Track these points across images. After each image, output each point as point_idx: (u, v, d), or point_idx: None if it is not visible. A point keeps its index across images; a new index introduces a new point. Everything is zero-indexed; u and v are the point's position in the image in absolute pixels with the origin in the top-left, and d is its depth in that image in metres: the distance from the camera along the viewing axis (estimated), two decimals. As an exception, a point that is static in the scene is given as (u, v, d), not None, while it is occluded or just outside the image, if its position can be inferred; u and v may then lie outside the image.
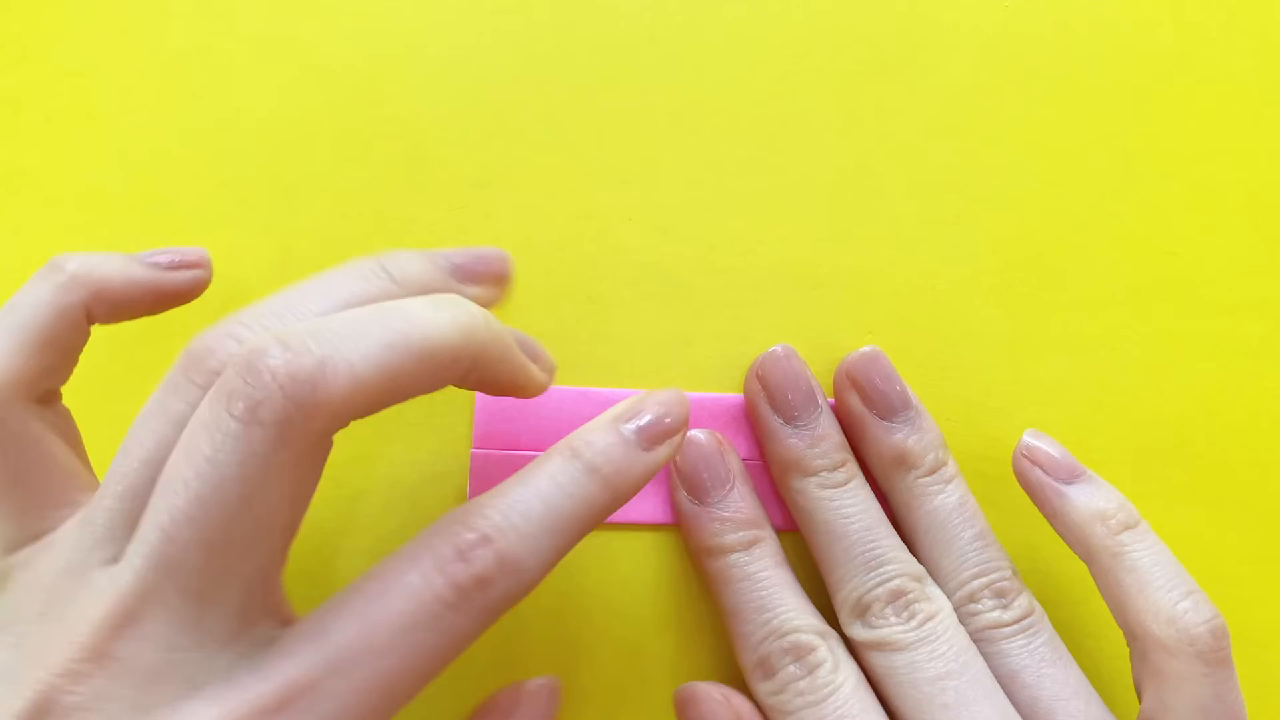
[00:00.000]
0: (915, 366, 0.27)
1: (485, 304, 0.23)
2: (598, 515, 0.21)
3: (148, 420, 0.20)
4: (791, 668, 0.23)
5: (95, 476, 0.22)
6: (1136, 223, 0.27)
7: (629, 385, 0.27)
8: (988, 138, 0.27)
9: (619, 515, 0.26)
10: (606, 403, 0.26)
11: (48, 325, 0.21)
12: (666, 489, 0.26)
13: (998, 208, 0.27)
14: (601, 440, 0.21)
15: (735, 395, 0.26)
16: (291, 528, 0.20)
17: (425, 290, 0.22)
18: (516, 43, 0.27)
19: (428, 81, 0.27)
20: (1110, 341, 0.27)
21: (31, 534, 0.20)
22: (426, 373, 0.19)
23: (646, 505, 0.26)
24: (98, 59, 0.27)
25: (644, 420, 0.22)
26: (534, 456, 0.25)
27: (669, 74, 0.27)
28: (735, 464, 0.25)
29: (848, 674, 0.23)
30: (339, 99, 0.27)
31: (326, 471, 0.26)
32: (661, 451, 0.22)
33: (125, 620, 0.18)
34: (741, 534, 0.24)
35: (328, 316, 0.19)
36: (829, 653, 0.23)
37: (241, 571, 0.19)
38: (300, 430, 0.18)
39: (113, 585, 0.18)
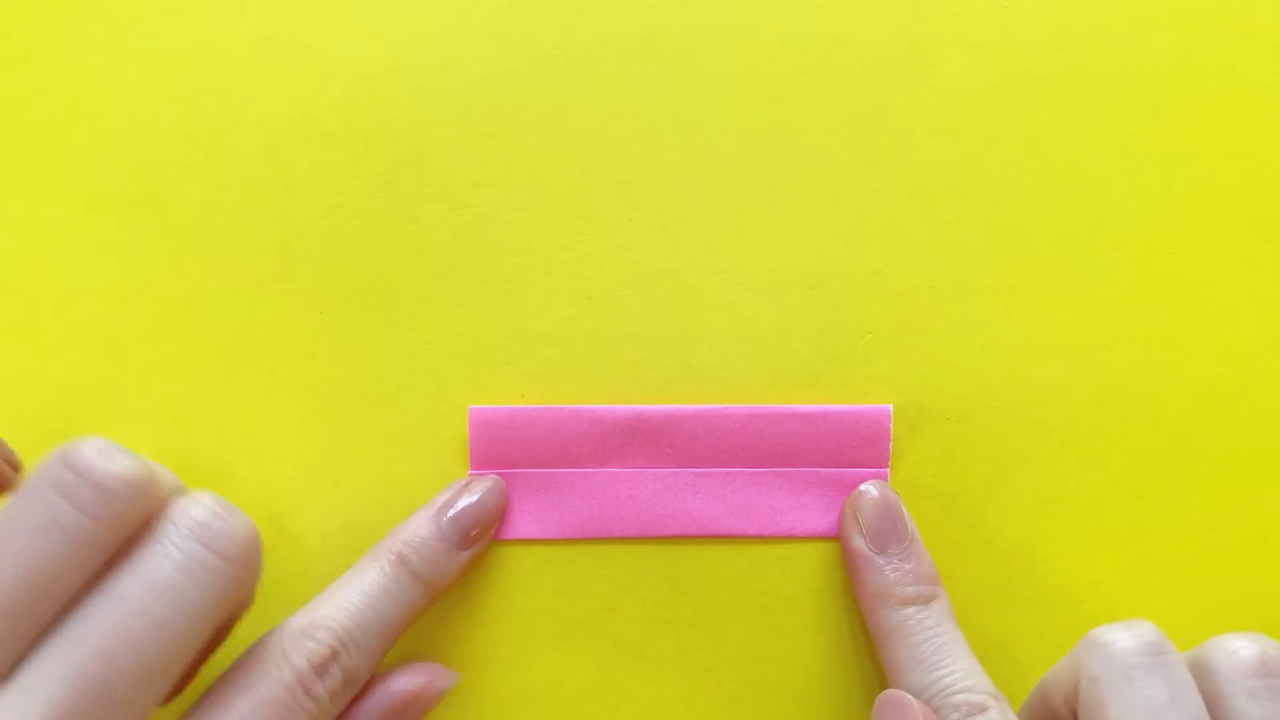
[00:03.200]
0: (915, 366, 0.27)
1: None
2: (419, 614, 0.24)
3: (19, 531, 0.18)
4: None
5: None
6: (1136, 223, 0.27)
7: (628, 385, 0.27)
8: (987, 138, 0.27)
9: (626, 530, 0.26)
10: (599, 420, 0.26)
11: None
12: (663, 498, 0.26)
13: (998, 208, 0.27)
14: (427, 547, 0.24)
15: (724, 406, 0.27)
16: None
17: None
18: (516, 43, 0.27)
19: (428, 81, 0.27)
20: (1110, 341, 0.27)
21: None
22: None
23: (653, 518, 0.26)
24: (98, 59, 0.27)
25: (466, 526, 0.25)
26: (530, 475, 0.26)
27: (669, 74, 0.27)
28: (911, 522, 0.25)
29: None
30: (339, 99, 0.27)
31: (327, 471, 0.27)
32: (478, 548, 0.25)
33: None
34: (921, 587, 0.24)
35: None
36: (1000, 715, 0.22)
37: (153, 703, 0.19)
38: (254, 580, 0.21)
39: (20, 713, 0.17)
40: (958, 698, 0.22)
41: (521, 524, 0.26)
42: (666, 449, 0.26)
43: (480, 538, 0.25)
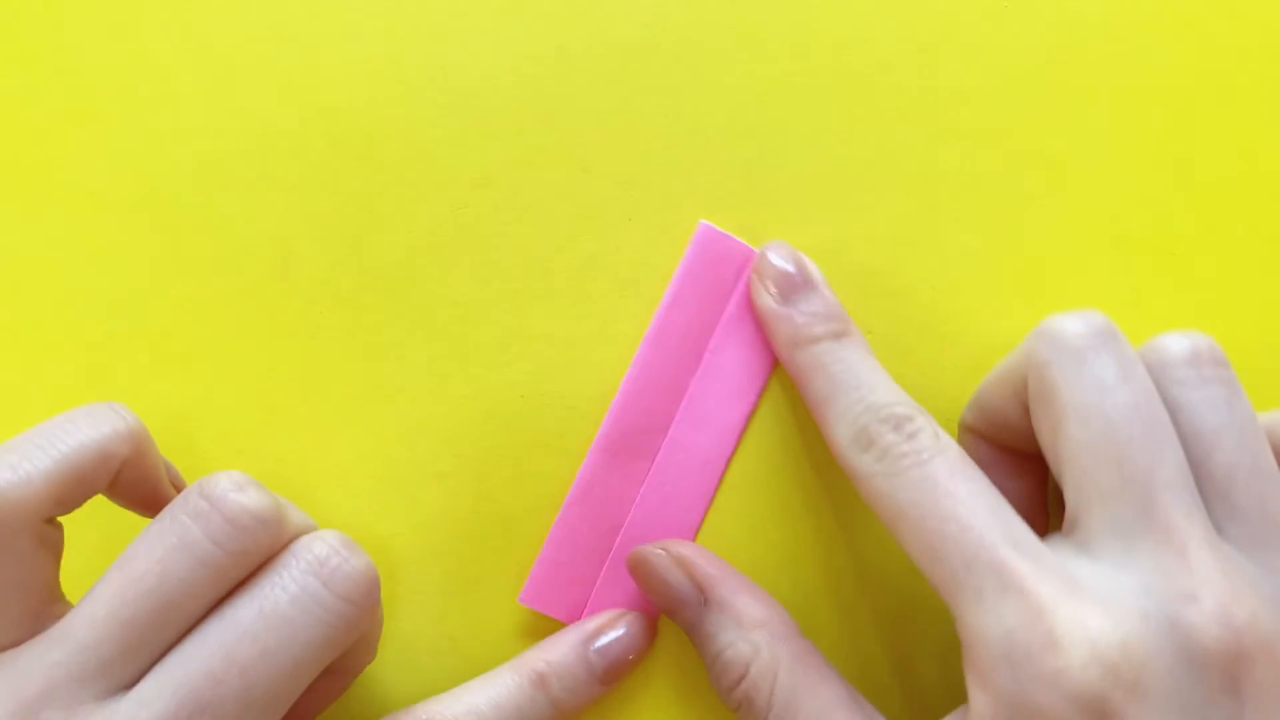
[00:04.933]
0: (915, 367, 0.27)
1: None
2: None
3: (153, 550, 0.20)
4: (891, 435, 0.22)
5: (60, 588, 0.21)
6: (1137, 223, 0.27)
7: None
8: (988, 138, 0.27)
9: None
10: (592, 485, 0.26)
11: (88, 466, 0.20)
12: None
13: (998, 208, 0.27)
14: (569, 673, 0.24)
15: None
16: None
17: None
18: (516, 43, 0.27)
19: (428, 81, 0.27)
20: (1110, 341, 0.27)
21: None
22: None
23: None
24: (98, 59, 0.27)
25: (613, 659, 0.24)
26: (606, 579, 0.26)
27: (669, 74, 0.27)
28: (815, 269, 0.26)
29: (950, 442, 0.22)
30: (339, 99, 0.27)
31: (327, 471, 0.26)
32: (617, 683, 0.25)
33: None
34: (832, 324, 0.24)
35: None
36: (929, 423, 0.22)
37: None
38: (369, 616, 0.21)
39: None
40: (884, 411, 0.22)
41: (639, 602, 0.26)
42: (642, 436, 0.26)
43: (623, 674, 0.25)
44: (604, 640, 0.25)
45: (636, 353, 0.26)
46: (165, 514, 0.20)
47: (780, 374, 0.26)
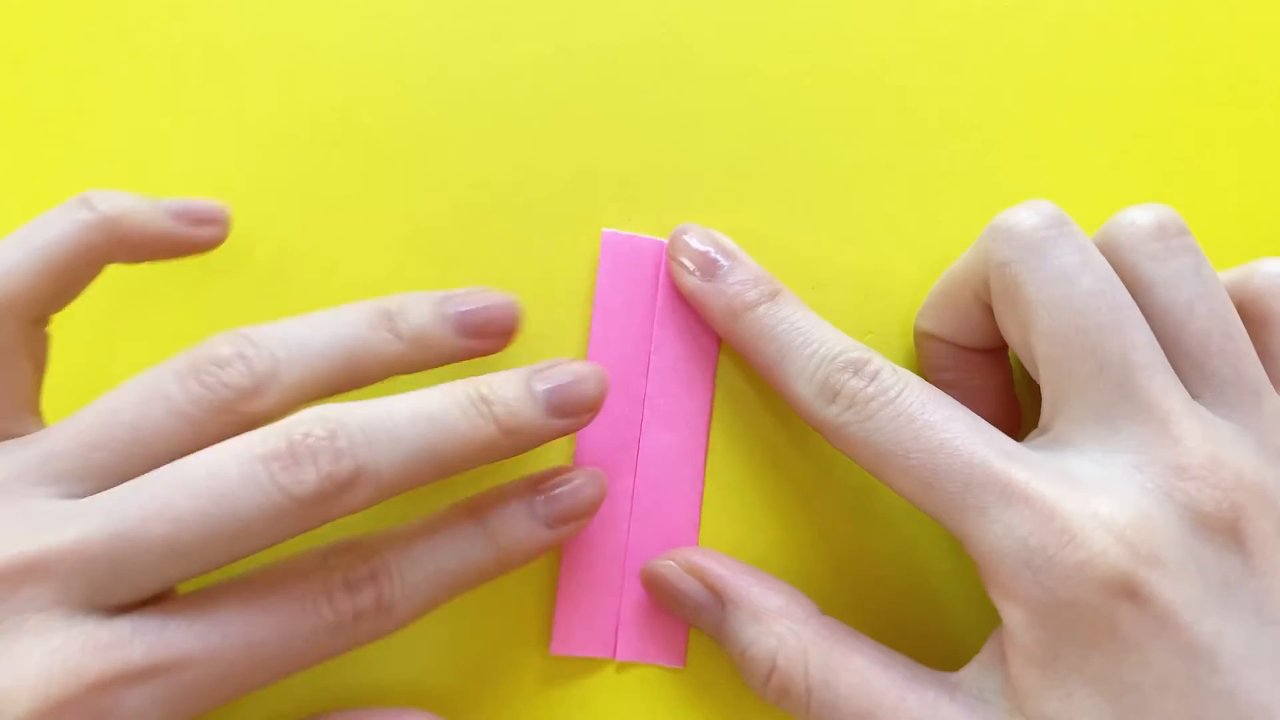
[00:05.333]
0: (916, 366, 0.27)
1: (484, 354, 0.23)
2: (483, 580, 0.22)
3: (138, 392, 0.20)
4: (853, 381, 0.22)
5: (40, 406, 0.22)
6: (1136, 223, 0.27)
7: (629, 385, 0.26)
8: (988, 138, 0.27)
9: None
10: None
11: (66, 258, 0.21)
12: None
13: (998, 207, 0.27)
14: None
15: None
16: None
17: (426, 346, 0.22)
18: (517, 43, 0.27)
19: (428, 81, 0.27)
20: (1110, 341, 0.27)
21: None
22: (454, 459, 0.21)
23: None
24: (98, 59, 0.27)
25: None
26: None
27: (669, 74, 0.27)
28: (730, 240, 0.26)
29: (907, 374, 0.22)
30: (339, 99, 0.27)
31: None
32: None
33: (43, 562, 0.18)
34: (762, 288, 0.24)
35: (372, 410, 0.20)
36: (884, 361, 0.22)
37: (183, 577, 0.19)
38: (311, 518, 0.20)
39: (54, 527, 0.19)
40: (840, 360, 0.22)
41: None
42: (616, 453, 0.26)
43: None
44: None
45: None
46: (161, 366, 0.21)
47: (726, 352, 0.27)
